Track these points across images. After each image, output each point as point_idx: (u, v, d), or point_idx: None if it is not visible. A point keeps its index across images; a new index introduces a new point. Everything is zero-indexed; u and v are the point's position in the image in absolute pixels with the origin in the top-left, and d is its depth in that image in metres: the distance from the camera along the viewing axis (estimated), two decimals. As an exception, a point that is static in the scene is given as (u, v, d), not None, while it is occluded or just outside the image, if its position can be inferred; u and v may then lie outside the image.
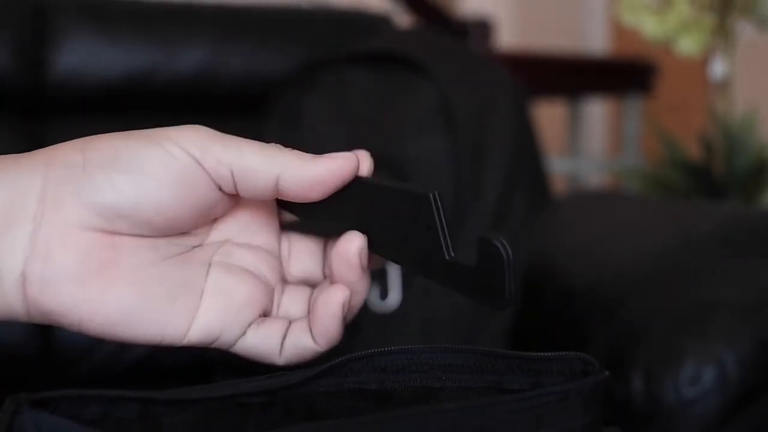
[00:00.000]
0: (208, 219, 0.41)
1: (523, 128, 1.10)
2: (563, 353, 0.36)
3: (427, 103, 1.00)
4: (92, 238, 0.37)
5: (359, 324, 0.95)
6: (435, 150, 0.98)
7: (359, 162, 0.40)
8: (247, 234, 0.43)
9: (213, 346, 0.41)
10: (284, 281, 0.44)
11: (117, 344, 1.03)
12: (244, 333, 0.42)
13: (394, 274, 0.94)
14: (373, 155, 0.44)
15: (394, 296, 0.95)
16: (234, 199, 0.42)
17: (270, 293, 0.43)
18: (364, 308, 0.96)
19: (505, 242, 0.35)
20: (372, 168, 0.41)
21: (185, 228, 0.41)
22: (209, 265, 0.42)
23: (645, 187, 1.54)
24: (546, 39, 2.86)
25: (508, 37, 2.71)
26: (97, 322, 0.37)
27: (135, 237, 0.39)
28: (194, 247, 0.42)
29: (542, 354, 0.36)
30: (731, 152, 1.46)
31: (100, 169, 0.37)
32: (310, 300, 0.44)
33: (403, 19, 1.77)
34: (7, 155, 0.39)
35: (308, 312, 0.43)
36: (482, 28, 1.71)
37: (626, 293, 0.93)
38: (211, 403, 0.35)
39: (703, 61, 1.62)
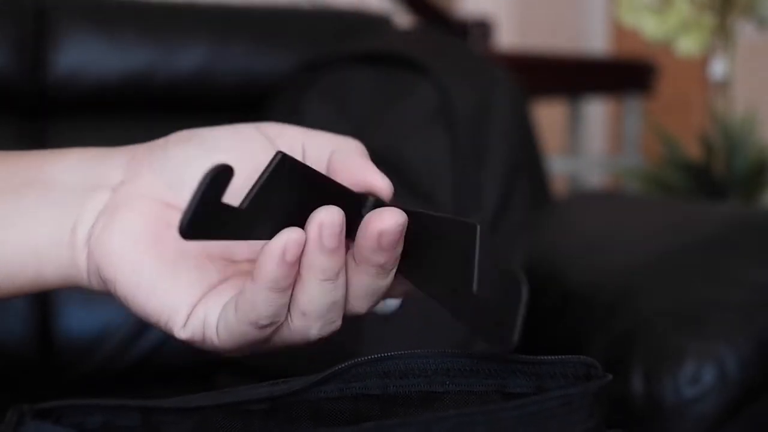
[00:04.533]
0: None
1: (523, 128, 1.10)
2: (566, 357, 0.36)
3: (427, 103, 1.00)
4: (156, 208, 0.40)
5: (359, 324, 0.95)
6: (435, 150, 0.98)
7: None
8: None
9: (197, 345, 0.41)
10: None
11: (117, 345, 1.03)
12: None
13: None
14: (373, 155, 0.44)
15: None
16: None
17: None
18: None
19: (523, 277, 0.36)
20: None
21: None
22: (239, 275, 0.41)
23: (645, 187, 1.54)
24: (546, 39, 2.86)
25: (508, 37, 2.71)
26: (121, 285, 0.39)
27: None
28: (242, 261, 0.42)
29: (545, 357, 0.36)
30: (731, 152, 1.46)
31: (177, 144, 0.41)
32: None
33: (403, 19, 1.77)
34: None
35: None
36: (482, 28, 1.71)
37: (626, 293, 0.93)
38: (213, 411, 0.35)
39: (703, 61, 1.62)
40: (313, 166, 0.39)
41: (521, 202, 1.00)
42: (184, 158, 0.40)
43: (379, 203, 0.40)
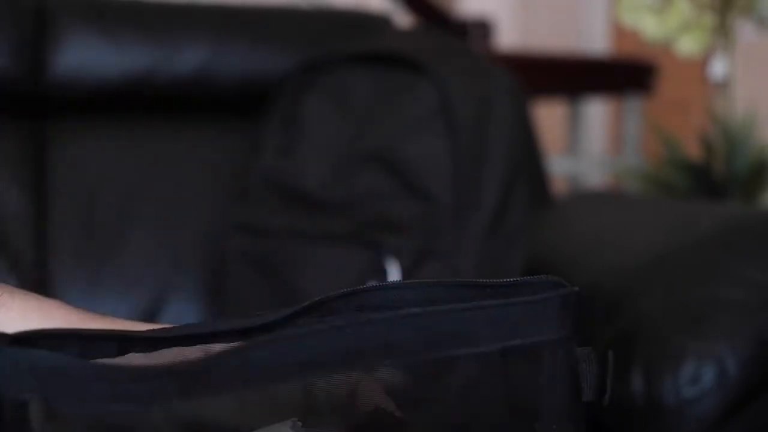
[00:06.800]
0: None
1: (523, 128, 1.10)
2: (532, 277, 0.36)
3: (427, 103, 1.00)
4: None
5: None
6: (435, 150, 0.98)
7: None
8: None
9: None
10: None
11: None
12: None
13: (394, 274, 0.94)
14: (373, 155, 0.44)
15: (394, 296, 0.94)
16: None
17: None
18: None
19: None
20: None
21: None
22: None
23: (645, 187, 1.54)
24: (546, 39, 2.86)
25: (508, 37, 2.71)
26: None
27: None
28: None
29: (512, 280, 0.36)
30: (731, 152, 1.46)
31: None
32: None
33: (403, 19, 1.77)
34: None
35: None
36: (482, 28, 1.71)
37: (626, 293, 0.93)
38: (185, 340, 0.35)
39: (703, 61, 1.62)
40: None
41: (521, 202, 1.00)
42: None
43: None
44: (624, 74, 1.99)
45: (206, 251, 1.06)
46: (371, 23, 1.24)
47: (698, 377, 0.82)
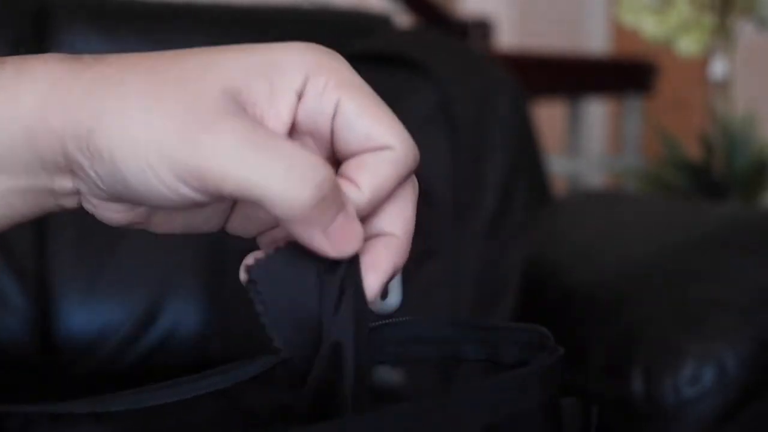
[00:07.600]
0: None
1: (523, 128, 1.10)
2: (520, 325, 0.35)
3: (427, 103, 1.00)
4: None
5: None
6: (435, 150, 0.98)
7: None
8: None
9: None
10: None
11: (117, 344, 1.03)
12: None
13: (394, 274, 0.94)
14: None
15: (394, 296, 0.95)
16: None
17: None
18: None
19: None
20: None
21: None
22: None
23: (645, 187, 1.54)
24: (546, 39, 2.86)
25: (508, 37, 2.71)
26: None
27: None
28: None
29: (499, 325, 0.36)
30: (731, 152, 1.46)
31: (122, 150, 0.34)
32: None
33: (403, 19, 1.77)
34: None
35: None
36: (482, 28, 1.71)
37: (626, 293, 0.93)
38: (158, 409, 0.33)
39: (703, 61, 1.62)
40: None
41: (521, 201, 1.00)
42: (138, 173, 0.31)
43: None
44: (624, 74, 2.00)
45: (206, 251, 1.06)
46: (371, 23, 1.24)
47: (698, 377, 0.82)
